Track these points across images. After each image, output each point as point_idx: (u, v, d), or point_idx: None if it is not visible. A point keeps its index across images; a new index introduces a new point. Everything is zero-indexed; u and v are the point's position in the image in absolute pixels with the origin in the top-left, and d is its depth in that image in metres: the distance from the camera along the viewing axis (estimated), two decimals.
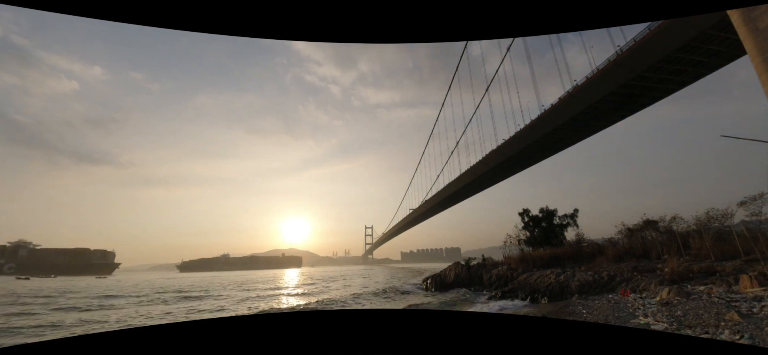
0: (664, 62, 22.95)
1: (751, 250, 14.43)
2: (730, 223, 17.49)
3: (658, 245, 19.34)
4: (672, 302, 11.06)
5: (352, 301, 23.87)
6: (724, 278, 12.71)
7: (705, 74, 24.41)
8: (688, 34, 20.43)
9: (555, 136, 35.00)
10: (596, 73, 27.09)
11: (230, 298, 27.44)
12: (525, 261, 25.69)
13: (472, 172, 48.05)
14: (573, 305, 14.23)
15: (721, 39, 20.18)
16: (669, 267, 14.91)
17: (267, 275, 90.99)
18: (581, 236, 26.91)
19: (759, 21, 12.36)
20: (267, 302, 24.34)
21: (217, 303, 24.23)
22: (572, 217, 28.95)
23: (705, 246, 16.58)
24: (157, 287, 40.37)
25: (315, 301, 24.74)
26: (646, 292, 13.59)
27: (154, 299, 27.31)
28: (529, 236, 29.94)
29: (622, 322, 10.32)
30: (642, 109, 29.64)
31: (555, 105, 31.80)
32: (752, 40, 12.61)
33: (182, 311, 20.47)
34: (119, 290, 37.19)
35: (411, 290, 28.47)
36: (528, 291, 19.24)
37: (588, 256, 22.95)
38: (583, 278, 17.64)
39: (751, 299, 10.01)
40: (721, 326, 8.27)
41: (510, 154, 39.72)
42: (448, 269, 29.52)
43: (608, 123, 32.82)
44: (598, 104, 28.87)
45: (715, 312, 9.22)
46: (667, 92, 27.08)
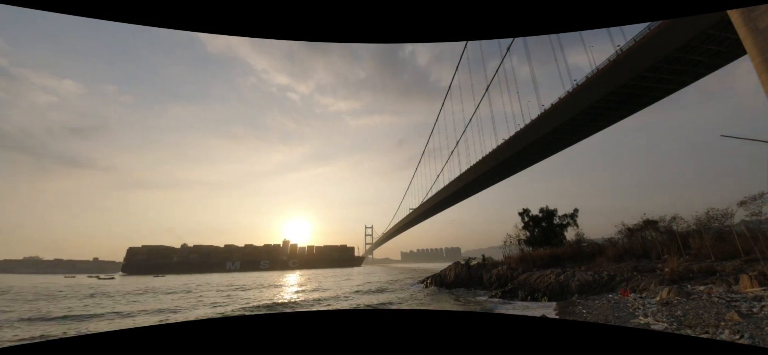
0: (664, 62, 22.94)
1: (751, 250, 14.43)
2: (730, 223, 17.50)
3: (658, 245, 19.34)
4: (672, 301, 11.06)
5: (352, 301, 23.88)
6: (724, 277, 12.71)
7: (705, 74, 24.40)
8: (688, 34, 20.42)
9: (555, 136, 34.99)
10: (596, 73, 27.10)
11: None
12: (525, 261, 25.71)
13: (473, 172, 48.06)
14: (573, 305, 14.24)
15: (721, 39, 20.17)
16: (669, 267, 14.91)
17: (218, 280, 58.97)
18: (581, 236, 26.97)
19: (759, 21, 12.36)
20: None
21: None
22: (572, 217, 28.99)
23: (705, 246, 16.58)
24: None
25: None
26: (646, 292, 13.59)
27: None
28: (529, 235, 29.98)
29: (622, 322, 10.32)
30: (642, 108, 29.64)
31: (555, 105, 31.81)
32: (752, 40, 12.60)
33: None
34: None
35: (410, 291, 28.48)
36: (528, 291, 19.24)
37: (588, 256, 22.96)
38: (583, 278, 17.64)
39: (751, 298, 10.02)
40: (721, 326, 8.27)
41: (510, 154, 39.72)
42: (448, 269, 29.53)
43: (608, 123, 32.82)
44: (598, 104, 28.86)
45: (715, 312, 9.23)
46: (667, 92, 27.07)
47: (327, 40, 1.63)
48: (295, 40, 1.60)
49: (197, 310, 20.19)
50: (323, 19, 1.54)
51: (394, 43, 1.71)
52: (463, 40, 1.73)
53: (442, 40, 1.68)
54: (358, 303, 22.51)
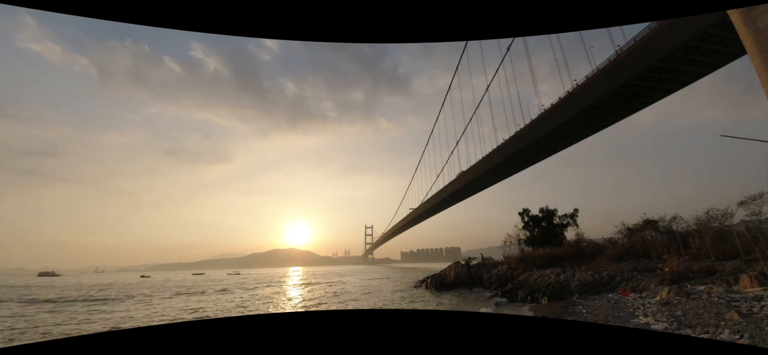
0: (664, 62, 22.95)
1: (751, 249, 14.43)
2: (730, 223, 17.50)
3: (658, 245, 19.35)
4: (672, 301, 11.07)
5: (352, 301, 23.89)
6: (724, 277, 12.71)
7: (705, 74, 24.41)
8: (688, 34, 20.43)
9: (555, 136, 35.01)
10: (596, 73, 27.10)
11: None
12: (525, 261, 25.69)
13: (473, 172, 48.07)
14: (573, 305, 14.24)
15: (721, 39, 20.18)
16: (669, 267, 14.91)
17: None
18: (581, 236, 26.93)
19: (759, 21, 12.35)
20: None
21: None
22: (572, 216, 28.98)
23: (705, 246, 16.58)
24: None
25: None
26: (646, 291, 13.60)
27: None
28: (529, 235, 29.95)
29: (622, 322, 10.32)
30: (643, 108, 29.66)
31: (555, 104, 31.81)
32: (752, 40, 12.60)
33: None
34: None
35: (410, 291, 28.48)
36: (528, 291, 19.24)
37: (588, 255, 22.95)
38: (583, 278, 17.64)
39: (751, 298, 10.02)
40: (721, 325, 8.28)
41: (510, 154, 39.73)
42: (448, 269, 29.51)
43: (608, 122, 32.83)
44: (598, 103, 28.88)
45: (715, 312, 9.23)
46: (667, 92, 27.08)
47: (327, 40, 1.63)
48: (295, 41, 1.60)
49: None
50: (323, 19, 1.54)
51: (393, 43, 1.71)
52: (463, 40, 1.73)
53: (442, 40, 1.68)
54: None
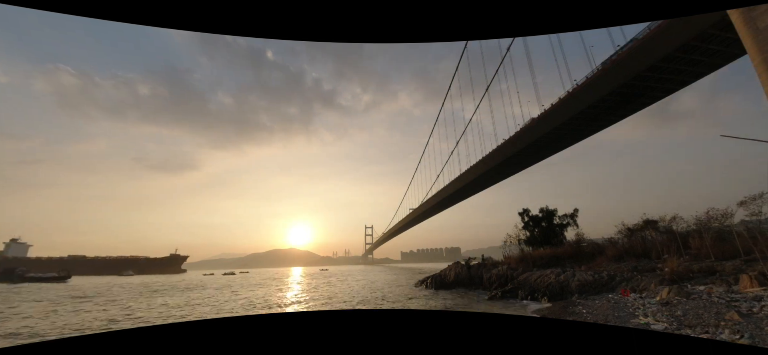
0: (664, 62, 22.95)
1: (751, 250, 14.43)
2: (730, 223, 17.50)
3: (658, 245, 19.35)
4: (672, 301, 11.07)
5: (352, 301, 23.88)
6: (724, 277, 12.71)
7: (705, 74, 24.41)
8: (688, 34, 20.43)
9: (555, 136, 35.01)
10: (596, 72, 27.11)
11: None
12: (525, 261, 25.70)
13: (473, 172, 48.06)
14: (573, 305, 14.24)
15: (721, 39, 20.18)
16: (669, 267, 14.91)
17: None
18: (581, 236, 26.93)
19: (759, 21, 12.36)
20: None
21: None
22: (572, 217, 28.98)
23: (705, 246, 16.58)
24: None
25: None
26: (646, 292, 13.60)
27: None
28: (529, 235, 29.96)
29: (622, 322, 10.32)
30: (643, 108, 29.65)
31: (555, 105, 31.83)
32: (752, 40, 12.60)
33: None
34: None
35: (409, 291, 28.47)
36: (528, 291, 19.25)
37: (588, 255, 22.95)
38: (583, 278, 17.65)
39: (751, 298, 10.02)
40: (721, 325, 8.28)
41: (510, 154, 39.73)
42: (448, 269, 29.52)
43: (609, 122, 32.83)
44: (598, 104, 28.87)
45: (715, 312, 9.23)
46: (667, 92, 27.08)
47: (328, 40, 1.63)
48: (295, 40, 1.60)
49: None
50: (324, 19, 1.54)
51: (393, 43, 1.71)
52: (463, 39, 1.73)
53: (442, 40, 1.68)
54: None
